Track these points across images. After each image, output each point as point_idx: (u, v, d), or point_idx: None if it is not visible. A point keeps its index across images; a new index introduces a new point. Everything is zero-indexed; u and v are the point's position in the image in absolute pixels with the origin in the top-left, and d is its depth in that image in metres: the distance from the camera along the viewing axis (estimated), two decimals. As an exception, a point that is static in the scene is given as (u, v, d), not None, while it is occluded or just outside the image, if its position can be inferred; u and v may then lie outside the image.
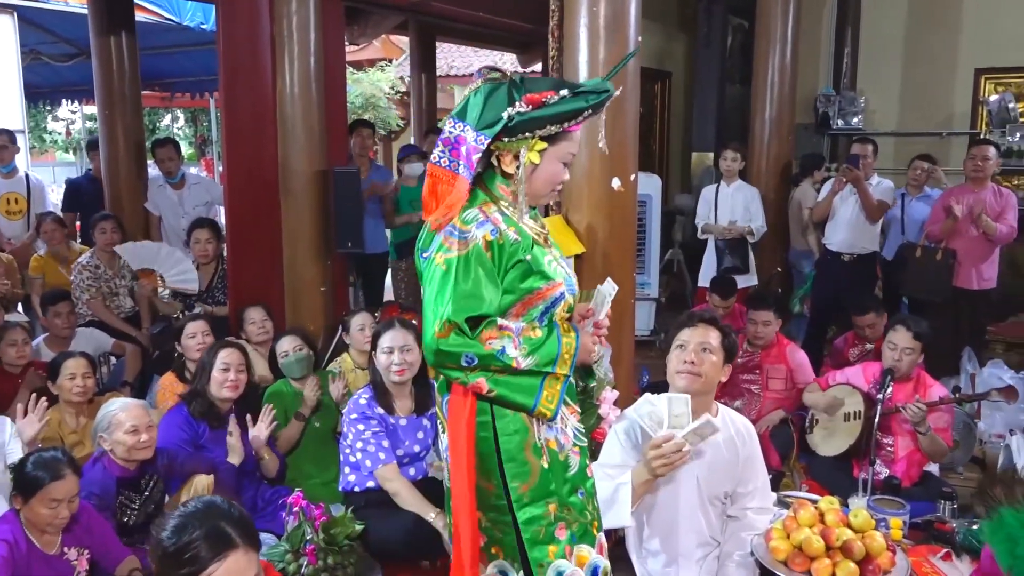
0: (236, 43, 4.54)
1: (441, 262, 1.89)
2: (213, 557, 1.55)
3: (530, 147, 1.93)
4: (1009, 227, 4.89)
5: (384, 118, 13.24)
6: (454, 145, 1.93)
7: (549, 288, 1.97)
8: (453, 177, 1.92)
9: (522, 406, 1.92)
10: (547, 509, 1.97)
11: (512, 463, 1.95)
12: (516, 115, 1.88)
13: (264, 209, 4.62)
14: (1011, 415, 4.20)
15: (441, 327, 1.85)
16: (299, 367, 3.69)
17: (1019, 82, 7.32)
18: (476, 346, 1.86)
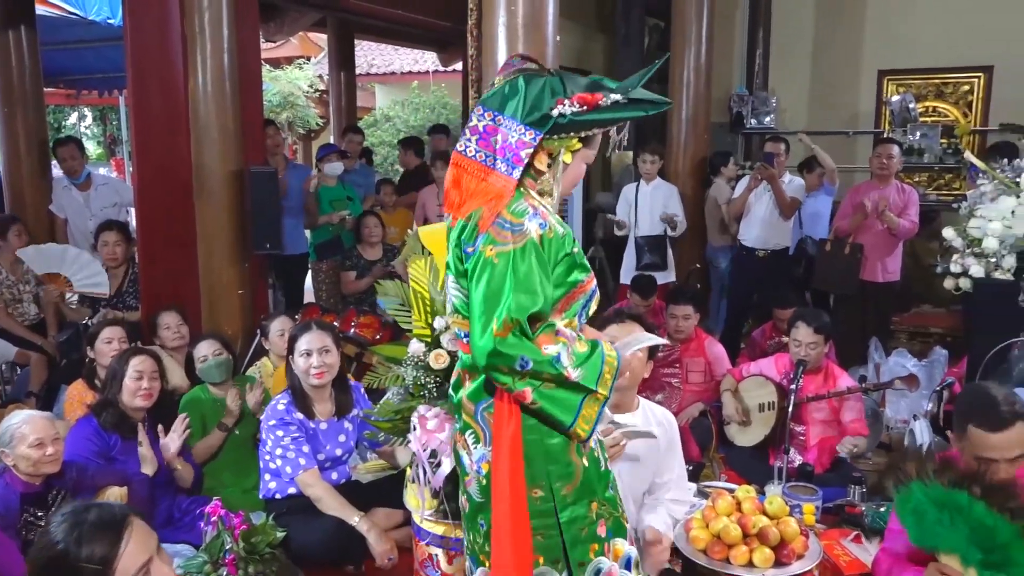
0: (144, 39, 4.40)
1: (494, 255, 1.79)
2: (117, 541, 1.51)
3: (568, 147, 1.90)
4: (911, 222, 5.13)
5: (303, 117, 13.03)
6: (483, 136, 1.87)
7: (589, 281, 1.93)
8: (484, 171, 1.86)
9: (559, 423, 1.86)
10: (589, 508, 1.94)
11: (557, 464, 1.90)
12: (569, 115, 1.83)
13: (177, 210, 4.49)
14: (914, 402, 4.40)
15: (501, 325, 1.75)
16: (218, 372, 3.59)
17: (919, 83, 7.67)
18: (533, 350, 1.77)
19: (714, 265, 6.38)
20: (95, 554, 1.51)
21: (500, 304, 1.76)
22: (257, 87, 4.99)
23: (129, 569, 1.52)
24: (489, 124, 1.86)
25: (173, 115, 4.44)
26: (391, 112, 13.17)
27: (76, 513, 1.55)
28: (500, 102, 1.87)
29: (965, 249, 3.49)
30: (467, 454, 1.99)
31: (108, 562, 1.51)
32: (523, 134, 1.83)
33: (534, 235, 1.80)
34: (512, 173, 1.84)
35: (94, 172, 5.90)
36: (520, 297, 1.76)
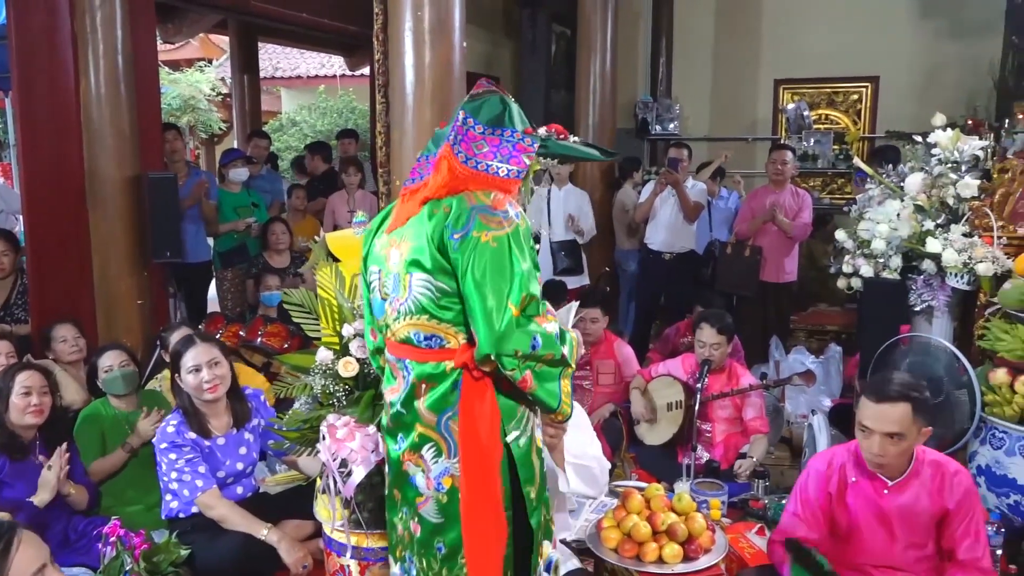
0: (31, 37, 4.19)
1: (490, 239, 1.78)
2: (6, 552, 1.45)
3: (534, 168, 1.97)
4: (804, 224, 5.35)
5: (205, 120, 12.64)
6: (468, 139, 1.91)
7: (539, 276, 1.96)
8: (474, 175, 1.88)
9: (548, 404, 1.87)
10: (544, 509, 1.96)
11: (524, 467, 1.90)
12: (546, 144, 1.97)
13: (69, 218, 4.30)
14: (812, 397, 4.59)
15: (519, 303, 1.75)
16: (124, 384, 3.42)
17: (812, 92, 8.03)
18: (542, 329, 1.79)
19: (622, 268, 6.50)
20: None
21: (513, 284, 1.76)
22: (154, 89, 4.83)
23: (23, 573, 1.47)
24: (472, 132, 1.91)
25: (63, 118, 4.26)
26: (297, 117, 12.93)
27: None
28: (489, 115, 1.93)
29: (856, 250, 3.65)
30: (423, 472, 1.91)
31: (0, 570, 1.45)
32: (523, 139, 1.92)
33: (519, 223, 1.84)
34: (520, 175, 1.91)
35: (-23, 178, 5.58)
36: (529, 276, 1.79)
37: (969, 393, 3.16)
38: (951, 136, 3.44)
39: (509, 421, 1.89)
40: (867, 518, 2.45)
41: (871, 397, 2.37)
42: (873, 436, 2.35)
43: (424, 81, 3.41)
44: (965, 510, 2.38)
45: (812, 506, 2.50)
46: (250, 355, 4.45)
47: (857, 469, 2.47)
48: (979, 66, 6.91)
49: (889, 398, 2.33)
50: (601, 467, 2.56)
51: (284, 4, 6.18)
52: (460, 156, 1.88)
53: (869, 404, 2.36)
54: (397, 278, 1.92)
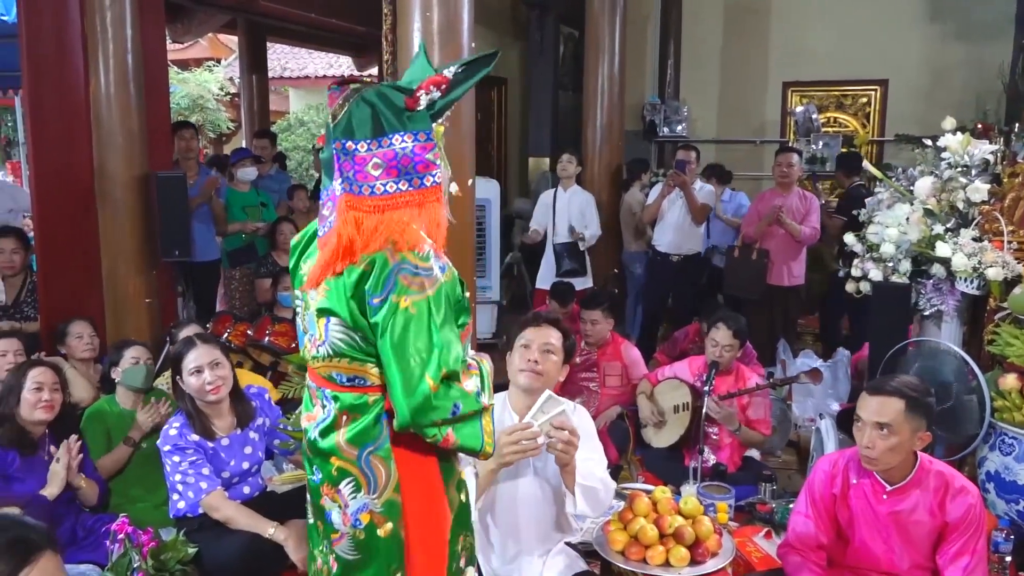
0: (41, 37, 4.21)
1: (409, 305, 1.67)
2: (21, 565, 1.44)
3: (437, 134, 1.76)
4: (812, 228, 5.33)
5: (213, 120, 12.68)
6: (356, 165, 1.69)
7: (470, 326, 1.87)
8: (389, 200, 1.69)
9: (473, 449, 1.78)
10: (459, 543, 1.90)
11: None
12: (432, 101, 1.71)
13: (78, 216, 4.32)
14: (820, 401, 4.57)
15: (438, 377, 1.66)
16: (147, 378, 3.44)
17: (821, 95, 8.02)
18: (463, 393, 1.71)
19: (629, 270, 6.50)
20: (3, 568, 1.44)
21: (431, 356, 1.67)
22: (163, 89, 4.85)
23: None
24: (358, 155, 1.70)
25: (73, 117, 4.28)
26: (305, 116, 12.96)
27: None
28: (362, 127, 1.71)
29: (865, 254, 3.64)
30: (338, 509, 1.84)
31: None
32: (416, 138, 1.70)
33: (442, 280, 1.72)
34: (435, 181, 1.72)
35: (-13, 176, 5.61)
36: (448, 347, 1.69)
37: (978, 398, 3.15)
38: (961, 140, 3.43)
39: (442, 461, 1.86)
40: (865, 521, 2.46)
41: (868, 391, 2.44)
42: (864, 428, 2.39)
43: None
44: (964, 528, 2.37)
45: (819, 507, 2.50)
46: (258, 354, 4.46)
47: (859, 471, 2.48)
48: (988, 69, 6.89)
49: (884, 392, 2.39)
50: (606, 489, 2.57)
51: (293, 4, 6.20)
52: (363, 191, 1.70)
53: (865, 397, 2.43)
54: (312, 319, 1.82)
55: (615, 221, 6.34)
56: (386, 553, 1.83)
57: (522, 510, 2.63)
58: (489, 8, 7.57)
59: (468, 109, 3.60)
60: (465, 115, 3.55)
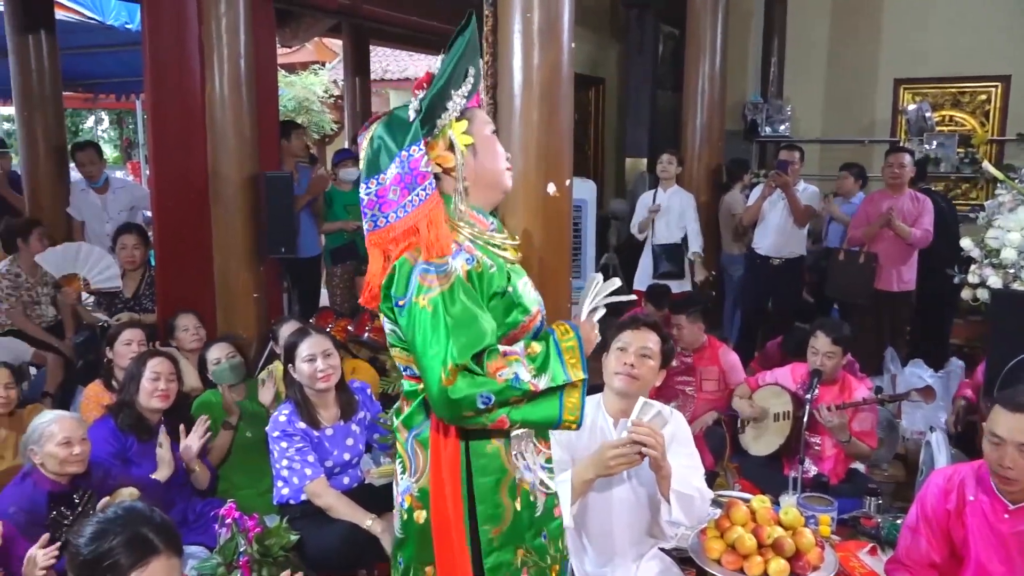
0: (162, 44, 4.43)
1: (426, 303, 1.70)
2: (134, 564, 1.50)
3: (455, 129, 1.79)
4: (924, 231, 5.09)
5: (317, 122, 13.07)
6: (380, 201, 1.77)
7: (531, 319, 1.85)
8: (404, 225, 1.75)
9: (547, 422, 1.78)
10: (515, 555, 1.86)
11: (484, 504, 1.82)
12: (420, 103, 1.75)
13: (193, 214, 4.52)
14: (931, 413, 4.36)
15: (448, 374, 1.66)
16: (232, 375, 3.60)
17: (935, 92, 7.64)
18: (489, 383, 1.68)
19: (728, 273, 6.36)
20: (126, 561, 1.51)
21: (443, 353, 1.67)
22: (273, 92, 5.03)
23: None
24: (378, 189, 1.77)
25: (190, 120, 4.47)
26: (405, 117, 13.18)
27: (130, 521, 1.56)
28: (374, 166, 1.78)
29: (983, 259, 3.46)
30: (395, 485, 1.92)
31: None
32: (410, 155, 1.74)
33: (460, 272, 1.73)
34: (429, 190, 1.74)
35: (111, 176, 5.95)
36: (460, 340, 1.68)
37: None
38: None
39: (476, 455, 1.82)
40: (984, 540, 2.32)
41: (1006, 406, 2.26)
42: (1005, 447, 2.22)
43: (532, 83, 3.42)
44: None
45: (932, 523, 2.38)
46: (357, 349, 4.58)
47: (978, 487, 2.34)
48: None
49: (1021, 408, 2.22)
50: (703, 498, 2.53)
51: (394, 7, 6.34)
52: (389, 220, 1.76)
53: (1003, 413, 2.25)
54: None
55: (714, 222, 6.21)
56: (420, 540, 1.86)
57: (616, 514, 2.61)
58: (587, 7, 7.54)
59: (566, 110, 3.59)
60: (563, 116, 3.55)
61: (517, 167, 3.55)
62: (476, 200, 1.87)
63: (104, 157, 5.96)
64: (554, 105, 3.43)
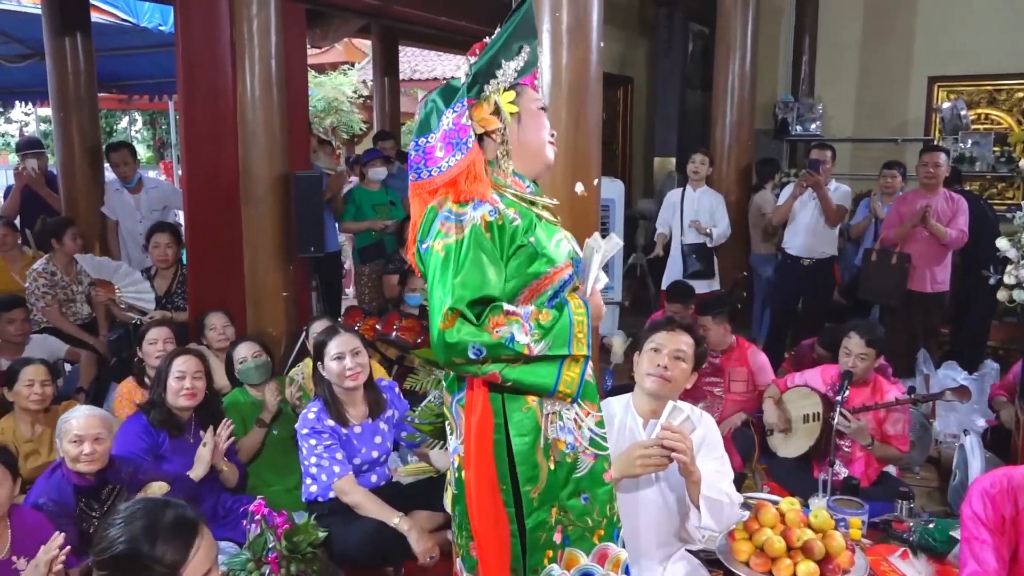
0: (195, 46, 4.48)
1: (440, 248, 1.80)
2: (191, 540, 1.52)
3: (503, 98, 1.89)
4: (959, 231, 5.01)
5: (347, 122, 13.16)
6: (426, 157, 1.88)
7: (557, 271, 1.89)
8: (444, 177, 1.85)
9: (541, 388, 1.83)
10: (550, 513, 1.90)
11: (524, 465, 1.86)
12: (470, 69, 1.87)
13: (224, 214, 4.57)
14: (964, 416, 4.29)
15: (444, 317, 1.74)
16: (257, 374, 3.64)
17: (970, 90, 7.51)
18: (483, 335, 1.75)
19: (757, 274, 6.30)
20: (167, 556, 1.50)
21: (444, 296, 1.76)
22: (303, 93, 5.07)
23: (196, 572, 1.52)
24: (427, 146, 1.88)
25: (221, 120, 4.52)
26: (433, 117, 13.22)
27: (151, 511, 1.55)
28: (424, 127, 1.90)
29: (1020, 260, 3.39)
30: (448, 447, 2.03)
31: (177, 566, 1.50)
32: (455, 112, 1.85)
33: (479, 222, 1.80)
34: (467, 149, 1.82)
35: (145, 176, 6.04)
36: (461, 287, 1.75)
37: None
38: None
39: (513, 415, 1.87)
40: None
41: None
42: None
43: (561, 82, 3.41)
44: None
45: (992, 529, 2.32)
46: (385, 348, 4.60)
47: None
48: None
49: None
50: (732, 503, 2.51)
51: (424, 7, 6.35)
52: (432, 173, 1.87)
53: None
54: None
55: (743, 222, 6.16)
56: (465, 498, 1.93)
57: (643, 516, 2.60)
58: (617, 7, 7.52)
59: (594, 109, 3.58)
60: (591, 115, 3.54)
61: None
62: (517, 167, 1.96)
63: (138, 157, 6.05)
64: (582, 104, 3.43)
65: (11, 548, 2.45)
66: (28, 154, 6.08)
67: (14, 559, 2.43)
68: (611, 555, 1.99)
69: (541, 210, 1.95)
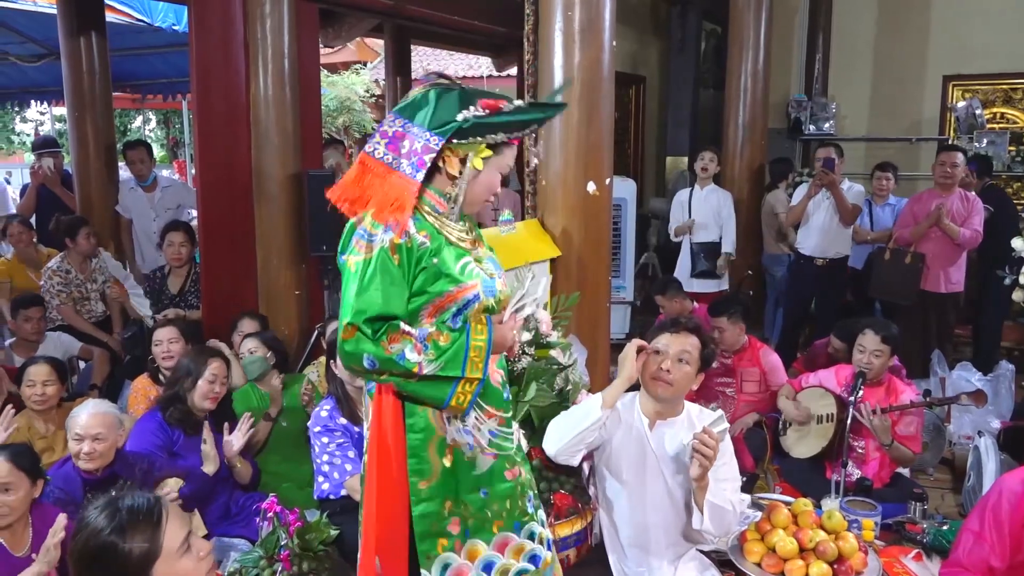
0: (208, 45, 4.50)
1: (351, 264, 1.92)
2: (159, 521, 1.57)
3: (476, 152, 1.95)
4: (974, 231, 4.97)
5: (359, 121, 13.20)
6: (392, 140, 1.93)
7: (460, 290, 1.96)
8: (388, 171, 1.91)
9: (434, 402, 1.95)
10: (443, 506, 2.01)
11: (414, 459, 1.99)
12: (472, 118, 1.90)
13: (237, 212, 4.59)
14: (979, 417, 4.26)
15: (342, 328, 1.87)
16: (252, 368, 3.67)
17: (986, 89, 7.46)
18: (377, 349, 1.86)
19: (770, 273, 6.28)
20: (140, 537, 1.57)
21: (346, 309, 1.89)
22: (316, 92, 5.07)
23: (173, 546, 1.58)
24: (398, 130, 1.93)
25: (234, 119, 4.53)
26: (445, 116, 13.24)
27: (110, 504, 1.62)
28: (411, 111, 1.94)
29: (1035, 260, 3.37)
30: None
31: (154, 541, 1.57)
32: (428, 139, 1.89)
33: (387, 244, 1.89)
34: (415, 176, 1.89)
35: (159, 174, 6.07)
36: (361, 304, 1.87)
37: None
38: None
39: (409, 417, 1.99)
40: None
41: None
42: None
43: (573, 81, 3.42)
44: None
45: (1003, 530, 2.30)
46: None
47: None
48: None
49: None
50: (735, 511, 2.51)
51: (437, 6, 6.35)
52: (376, 153, 1.93)
53: None
54: None
55: (756, 222, 6.14)
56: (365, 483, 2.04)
57: (650, 513, 2.61)
58: (629, 6, 7.50)
59: (607, 109, 3.58)
60: (604, 115, 3.54)
61: (556, 167, 3.56)
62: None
63: (153, 156, 6.08)
64: (594, 103, 3.43)
65: (31, 546, 2.47)
66: (44, 153, 6.12)
67: (33, 556, 2.45)
68: (512, 544, 2.08)
69: (451, 234, 2.00)
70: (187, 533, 1.63)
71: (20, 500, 2.44)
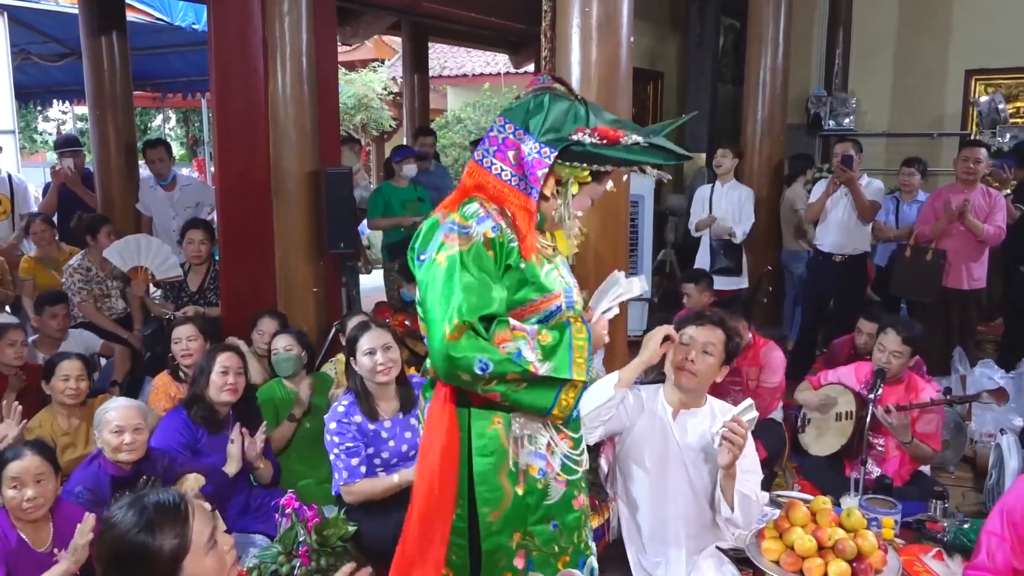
0: (228, 44, 4.53)
1: (443, 260, 1.74)
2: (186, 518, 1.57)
3: (578, 177, 1.84)
4: (997, 227, 4.91)
5: (376, 119, 13.25)
6: (501, 148, 1.83)
7: (544, 301, 1.85)
8: (501, 184, 1.81)
9: (537, 409, 1.80)
10: (512, 538, 1.87)
11: (484, 486, 1.83)
12: (588, 144, 1.78)
13: (256, 210, 4.62)
14: (1001, 415, 4.22)
15: (452, 328, 1.67)
16: (286, 366, 3.67)
17: (1009, 83, 7.36)
18: (491, 349, 1.69)
19: (789, 270, 6.23)
20: (170, 533, 1.56)
21: (450, 307, 1.69)
22: (334, 90, 5.10)
23: (200, 541, 1.58)
24: (509, 137, 1.82)
25: (253, 117, 4.56)
26: (463, 114, 13.30)
27: (136, 503, 1.60)
28: (523, 117, 1.82)
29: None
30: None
31: (184, 536, 1.56)
32: (539, 151, 1.78)
33: (481, 237, 1.76)
34: (531, 193, 1.79)
35: (179, 173, 6.12)
36: (471, 298, 1.70)
37: None
38: None
39: (477, 434, 1.83)
40: None
41: None
42: None
43: (590, 78, 3.41)
44: None
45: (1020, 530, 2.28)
46: (414, 344, 4.62)
47: None
48: None
49: None
50: (758, 502, 2.53)
51: (454, 4, 6.37)
52: (493, 169, 1.82)
53: None
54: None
55: (774, 218, 6.09)
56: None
57: (671, 505, 2.62)
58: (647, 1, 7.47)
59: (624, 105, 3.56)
60: (621, 110, 3.52)
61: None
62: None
63: (173, 155, 6.13)
64: (612, 99, 3.41)
65: (53, 542, 2.50)
66: (65, 152, 6.19)
67: (55, 552, 2.48)
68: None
69: (540, 243, 1.90)
70: (212, 529, 1.63)
71: (51, 492, 2.47)
